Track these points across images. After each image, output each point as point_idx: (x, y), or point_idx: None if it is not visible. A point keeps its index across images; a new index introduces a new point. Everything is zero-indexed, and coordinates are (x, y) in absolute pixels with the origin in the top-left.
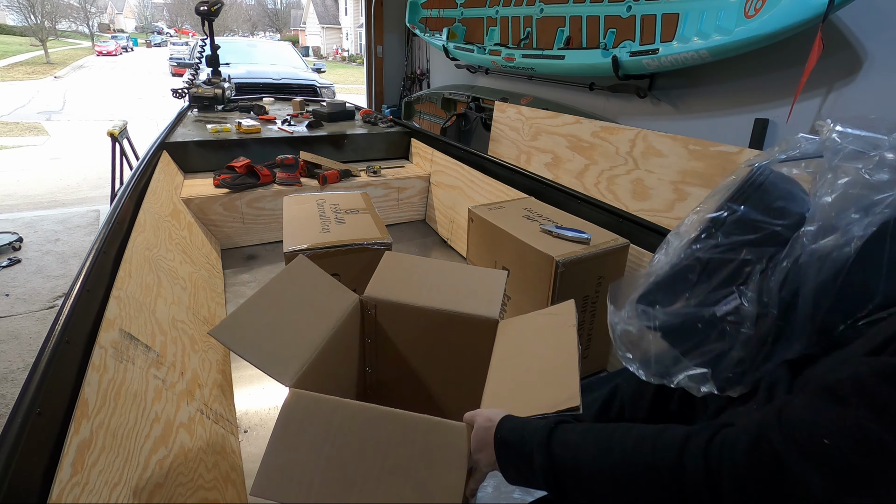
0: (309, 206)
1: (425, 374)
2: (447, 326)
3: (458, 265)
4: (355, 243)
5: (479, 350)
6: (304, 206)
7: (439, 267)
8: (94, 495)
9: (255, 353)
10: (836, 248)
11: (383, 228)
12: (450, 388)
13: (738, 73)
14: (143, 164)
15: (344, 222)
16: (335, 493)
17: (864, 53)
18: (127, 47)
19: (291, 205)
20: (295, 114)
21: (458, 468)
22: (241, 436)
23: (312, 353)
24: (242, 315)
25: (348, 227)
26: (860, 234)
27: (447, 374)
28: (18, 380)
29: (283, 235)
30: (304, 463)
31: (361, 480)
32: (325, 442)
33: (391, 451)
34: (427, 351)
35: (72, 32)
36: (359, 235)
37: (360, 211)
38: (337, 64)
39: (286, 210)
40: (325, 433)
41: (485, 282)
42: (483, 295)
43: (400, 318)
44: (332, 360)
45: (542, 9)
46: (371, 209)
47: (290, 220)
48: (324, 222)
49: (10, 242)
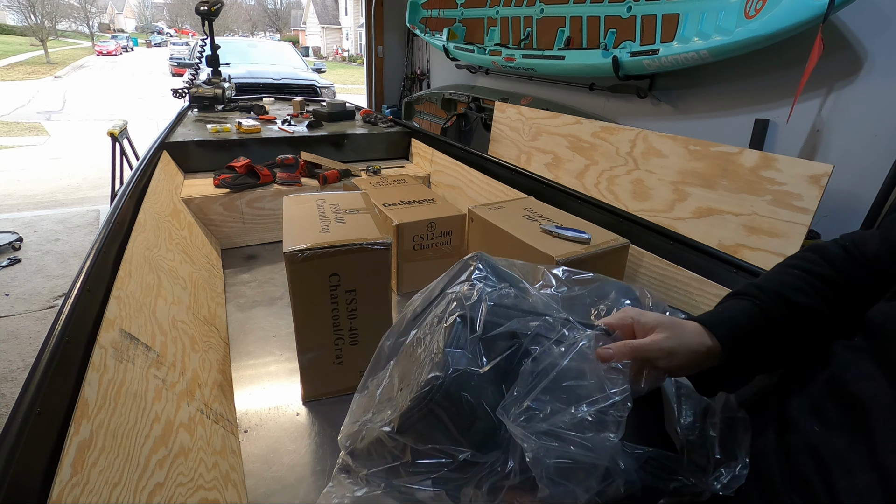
0: (309, 206)
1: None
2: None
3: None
4: (355, 243)
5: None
6: (304, 206)
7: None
8: (94, 495)
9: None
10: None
11: (378, 230)
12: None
13: (738, 73)
14: (143, 164)
15: (344, 222)
16: None
17: (864, 53)
18: (127, 47)
19: (291, 205)
20: (295, 114)
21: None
22: (241, 436)
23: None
24: None
25: (348, 226)
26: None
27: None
28: (18, 380)
29: (283, 236)
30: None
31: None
32: None
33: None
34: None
35: (72, 32)
36: (359, 235)
37: (360, 211)
38: (337, 64)
39: (286, 210)
40: None
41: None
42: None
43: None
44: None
45: (542, 9)
46: (371, 209)
47: (290, 221)
48: (323, 222)
49: (10, 242)
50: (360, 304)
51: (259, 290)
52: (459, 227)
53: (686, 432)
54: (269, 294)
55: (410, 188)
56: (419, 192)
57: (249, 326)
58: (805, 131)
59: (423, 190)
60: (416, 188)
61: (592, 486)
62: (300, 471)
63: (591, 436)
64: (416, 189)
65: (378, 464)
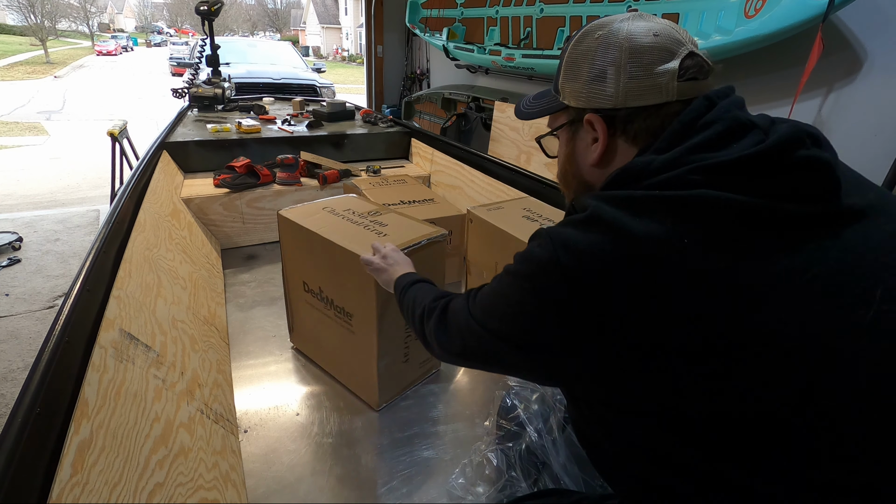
0: (323, 216)
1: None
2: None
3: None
4: (427, 238)
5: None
6: (320, 216)
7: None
8: (94, 495)
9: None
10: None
11: (424, 224)
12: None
13: (738, 73)
14: (143, 164)
15: (385, 224)
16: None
17: (864, 53)
18: (127, 47)
19: (304, 216)
20: (295, 114)
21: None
22: (241, 436)
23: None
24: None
25: (394, 227)
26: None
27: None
28: (18, 379)
29: (338, 246)
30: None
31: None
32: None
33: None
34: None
35: (72, 32)
36: (419, 232)
37: (381, 211)
38: (337, 64)
39: (305, 222)
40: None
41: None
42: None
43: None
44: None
45: (542, 9)
46: (387, 210)
47: (331, 232)
48: (365, 227)
49: (10, 242)
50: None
51: (259, 290)
52: (459, 227)
53: None
54: (269, 294)
55: (410, 188)
56: (419, 192)
57: (249, 326)
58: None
59: (423, 190)
60: (416, 188)
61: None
62: (300, 471)
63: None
64: (416, 189)
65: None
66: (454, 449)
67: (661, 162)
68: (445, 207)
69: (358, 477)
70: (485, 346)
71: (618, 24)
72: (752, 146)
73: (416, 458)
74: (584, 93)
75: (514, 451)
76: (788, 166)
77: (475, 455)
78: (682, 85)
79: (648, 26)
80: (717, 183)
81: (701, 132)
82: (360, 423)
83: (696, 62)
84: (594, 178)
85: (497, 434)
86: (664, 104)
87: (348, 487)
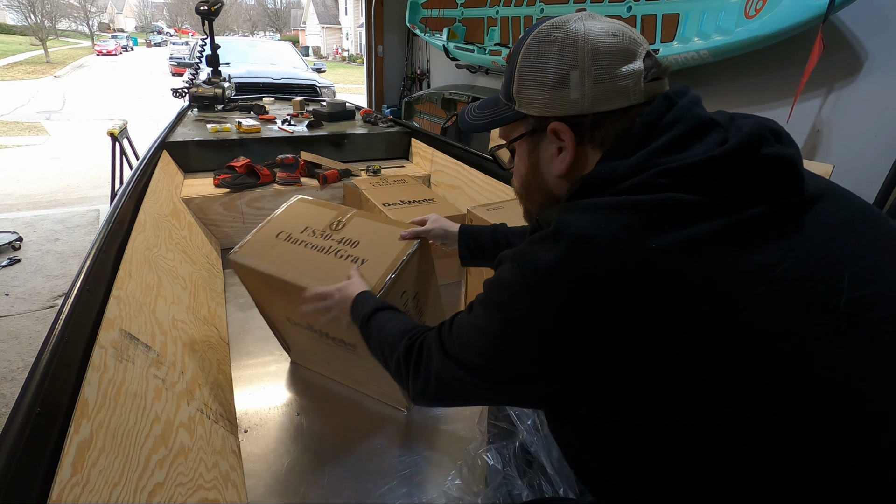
0: (292, 249)
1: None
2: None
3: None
4: (398, 264)
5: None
6: (276, 251)
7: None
8: (94, 495)
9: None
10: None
11: (395, 226)
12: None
13: (738, 73)
14: (143, 164)
15: (358, 241)
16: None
17: (864, 53)
18: (127, 47)
19: (267, 263)
20: (295, 113)
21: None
22: (241, 436)
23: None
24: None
25: (366, 243)
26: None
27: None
28: (18, 379)
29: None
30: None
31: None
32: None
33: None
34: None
35: (72, 32)
36: (393, 253)
37: (344, 219)
38: (337, 64)
39: (275, 270)
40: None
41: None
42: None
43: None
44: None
45: (542, 9)
46: (345, 212)
47: (296, 272)
48: (336, 254)
49: (10, 242)
50: (423, 304)
51: None
52: None
53: None
54: None
55: (410, 188)
56: (419, 191)
57: (249, 326)
58: (805, 131)
59: (423, 190)
60: (416, 188)
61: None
62: (300, 471)
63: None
64: (416, 189)
65: None
66: (453, 449)
67: (626, 167)
68: (445, 207)
69: (357, 477)
70: (466, 386)
71: (573, 24)
72: (716, 145)
73: (415, 458)
74: (546, 100)
75: (508, 449)
76: (754, 165)
77: (470, 455)
78: (649, 86)
79: (604, 27)
80: (684, 185)
81: (664, 133)
82: (360, 424)
83: (655, 61)
84: (561, 190)
85: (491, 433)
86: (631, 107)
87: (348, 487)
